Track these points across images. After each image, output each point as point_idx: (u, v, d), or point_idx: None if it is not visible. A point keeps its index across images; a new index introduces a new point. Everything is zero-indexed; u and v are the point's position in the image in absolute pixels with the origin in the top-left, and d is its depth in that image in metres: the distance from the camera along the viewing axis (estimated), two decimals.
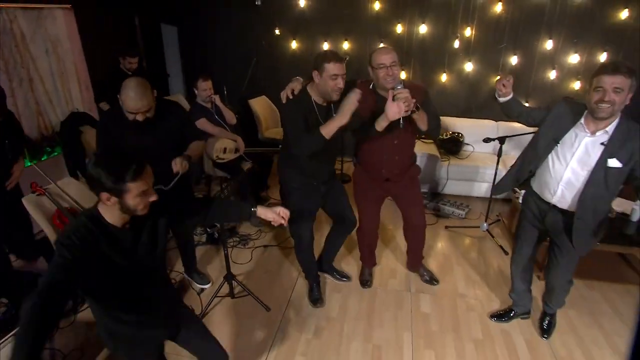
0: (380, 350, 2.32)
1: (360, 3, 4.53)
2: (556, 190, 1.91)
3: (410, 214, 2.60)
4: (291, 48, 4.90)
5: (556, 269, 2.15)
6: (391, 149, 2.28)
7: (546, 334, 2.39)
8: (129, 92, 1.88)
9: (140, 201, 1.24)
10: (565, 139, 1.83)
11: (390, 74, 2.05)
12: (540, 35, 4.28)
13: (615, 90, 1.61)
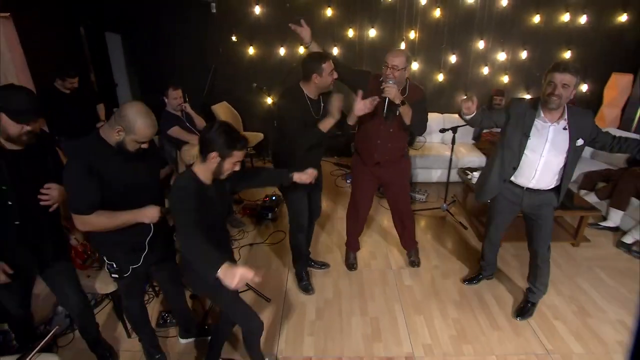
0: (378, 321, 2.61)
1: (314, 9, 4.81)
2: (534, 176, 2.27)
3: (396, 201, 2.93)
4: (248, 54, 5.04)
5: (539, 240, 2.46)
6: (385, 135, 2.58)
7: (521, 316, 2.62)
8: (145, 119, 1.63)
9: (230, 167, 1.67)
10: (533, 132, 2.20)
11: (388, 74, 2.36)
12: (473, 36, 4.88)
13: (563, 86, 2.00)
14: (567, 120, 2.12)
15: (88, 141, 1.69)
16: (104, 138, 1.68)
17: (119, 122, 1.62)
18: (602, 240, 3.58)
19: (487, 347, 2.41)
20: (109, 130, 1.67)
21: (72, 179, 1.63)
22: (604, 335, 2.50)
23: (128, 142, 1.66)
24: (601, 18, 4.76)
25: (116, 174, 1.69)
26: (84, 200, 1.64)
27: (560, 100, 2.02)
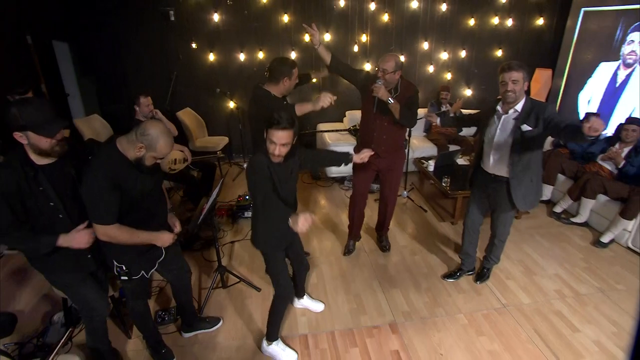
0: (361, 297, 2.92)
1: (271, 16, 5.04)
2: (490, 161, 2.63)
3: (386, 188, 3.24)
4: (209, 60, 5.15)
5: (496, 226, 2.84)
6: (381, 128, 2.88)
7: (479, 280, 3.05)
8: (167, 139, 1.77)
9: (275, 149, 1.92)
10: (490, 123, 2.58)
11: (379, 76, 2.67)
12: (418, 38, 5.37)
13: (513, 82, 2.37)
14: (519, 111, 2.43)
15: (108, 154, 1.76)
16: (122, 152, 1.76)
17: (141, 140, 1.72)
18: (538, 212, 4.18)
19: (455, 308, 2.81)
20: (128, 145, 1.76)
21: (95, 192, 1.70)
22: (544, 287, 3.01)
23: (147, 158, 1.78)
24: (524, 21, 5.45)
25: (132, 185, 1.79)
26: (107, 211, 1.74)
27: (515, 95, 2.37)
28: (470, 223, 2.98)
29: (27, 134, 1.61)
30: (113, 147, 1.77)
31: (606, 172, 3.83)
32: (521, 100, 2.43)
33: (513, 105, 2.44)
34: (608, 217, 3.61)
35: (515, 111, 2.45)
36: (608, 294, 2.94)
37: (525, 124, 2.39)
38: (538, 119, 2.35)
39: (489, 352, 2.43)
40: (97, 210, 1.74)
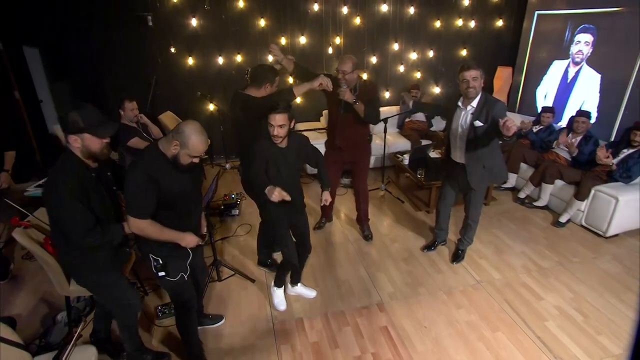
0: (349, 282, 3.15)
1: (248, 20, 5.19)
2: (455, 151, 2.95)
3: (357, 181, 3.52)
4: (188, 64, 5.24)
5: (468, 208, 3.17)
6: (344, 124, 3.15)
7: (455, 261, 3.36)
8: (199, 136, 1.85)
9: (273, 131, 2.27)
10: (454, 118, 2.89)
11: (341, 79, 2.92)
12: (389, 39, 5.67)
13: (473, 79, 2.68)
14: (474, 106, 2.75)
15: (150, 153, 1.87)
16: (162, 151, 1.86)
17: (176, 137, 1.82)
18: (504, 199, 4.56)
19: (435, 286, 3.09)
20: (166, 144, 1.86)
21: (134, 187, 1.81)
22: (512, 264, 3.35)
23: (182, 156, 1.86)
24: (485, 23, 5.87)
25: (170, 183, 1.87)
26: (143, 206, 1.84)
27: (476, 90, 2.69)
28: (442, 205, 3.35)
29: (83, 137, 1.76)
30: (155, 146, 1.89)
31: (562, 160, 4.24)
32: (478, 95, 2.75)
33: (471, 101, 2.75)
34: (565, 200, 4.01)
35: (471, 107, 2.76)
36: (566, 266, 3.31)
37: (478, 119, 2.71)
38: (488, 115, 2.67)
39: (467, 322, 2.72)
40: (134, 203, 1.84)
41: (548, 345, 2.51)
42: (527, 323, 2.70)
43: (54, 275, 2.48)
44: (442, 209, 3.38)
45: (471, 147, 2.84)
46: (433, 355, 2.46)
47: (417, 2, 5.54)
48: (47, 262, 2.43)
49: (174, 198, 1.93)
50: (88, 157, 1.85)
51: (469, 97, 2.75)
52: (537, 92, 5.60)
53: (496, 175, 3.05)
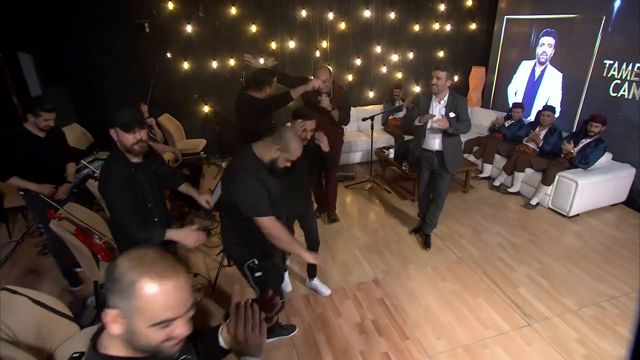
0: (346, 262, 3.53)
1: (240, 26, 5.49)
2: (429, 140, 3.37)
3: (329, 176, 3.91)
4: (183, 68, 5.50)
5: (438, 190, 3.55)
6: (320, 127, 3.45)
7: (428, 247, 3.70)
8: (298, 142, 2.01)
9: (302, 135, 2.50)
10: (429, 110, 3.31)
11: (321, 87, 3.33)
12: (372, 43, 6.07)
13: (437, 78, 3.11)
14: (446, 101, 3.22)
15: (250, 159, 1.97)
16: (259, 157, 1.98)
17: (278, 142, 1.94)
18: (481, 187, 5.03)
19: (422, 263, 3.50)
20: (264, 149, 1.97)
21: (255, 188, 1.90)
22: (489, 242, 3.80)
23: (280, 160, 1.98)
24: (460, 26, 6.35)
25: (271, 187, 1.99)
26: (267, 205, 1.93)
27: (437, 87, 3.15)
28: (422, 193, 3.76)
29: (117, 131, 1.97)
30: (250, 153, 1.98)
31: (531, 150, 4.74)
32: (446, 93, 3.22)
33: (441, 97, 3.22)
34: (534, 186, 4.50)
35: (444, 101, 3.23)
36: (535, 242, 3.78)
37: (452, 112, 3.18)
38: (457, 108, 3.19)
39: (451, 291, 3.13)
40: (261, 204, 1.92)
41: (520, 307, 2.95)
42: (502, 289, 3.13)
43: (85, 261, 2.77)
44: (422, 198, 3.79)
45: (447, 135, 3.27)
46: (423, 319, 2.86)
47: (397, 7, 5.96)
48: (79, 250, 2.71)
49: (273, 201, 2.03)
50: (126, 150, 2.07)
51: (431, 91, 3.23)
52: (508, 89, 6.11)
53: (460, 159, 3.53)
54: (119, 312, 0.83)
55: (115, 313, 0.83)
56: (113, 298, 0.83)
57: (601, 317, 2.84)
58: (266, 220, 1.94)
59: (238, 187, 1.94)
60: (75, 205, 2.93)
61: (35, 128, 2.85)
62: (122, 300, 0.82)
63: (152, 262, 0.84)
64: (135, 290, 0.81)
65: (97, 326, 2.26)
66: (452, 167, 3.40)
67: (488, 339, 2.66)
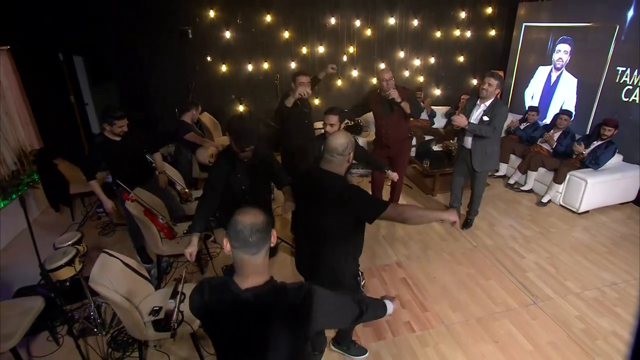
0: (372, 247, 3.94)
1: (274, 32, 5.96)
2: (466, 138, 3.76)
3: (396, 171, 4.20)
4: (221, 71, 6.01)
5: (472, 185, 4.00)
6: (388, 125, 3.91)
7: (465, 227, 4.21)
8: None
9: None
10: (472, 112, 3.71)
11: (387, 85, 3.66)
12: (395, 48, 6.47)
13: (489, 84, 3.51)
14: (487, 105, 3.61)
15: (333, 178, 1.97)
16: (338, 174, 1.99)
17: (348, 151, 1.95)
18: (496, 184, 5.37)
19: (440, 249, 3.89)
20: (337, 165, 1.98)
21: (360, 193, 1.95)
22: (502, 233, 4.16)
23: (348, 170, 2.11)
24: (480, 32, 6.68)
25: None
26: (376, 199, 2.18)
27: (486, 92, 3.54)
28: (455, 185, 4.15)
29: (232, 140, 2.48)
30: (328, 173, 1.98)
31: (544, 151, 5.05)
32: (491, 99, 3.58)
33: (485, 101, 3.58)
34: (546, 184, 4.83)
35: (485, 105, 3.60)
36: (545, 235, 4.12)
37: (486, 116, 3.53)
38: (491, 113, 3.50)
39: (466, 274, 3.52)
40: (376, 200, 2.10)
41: (527, 288, 3.32)
42: (512, 274, 3.51)
43: (152, 237, 3.27)
44: (454, 189, 4.19)
45: (475, 135, 3.66)
46: (441, 296, 3.26)
47: (420, 15, 6.34)
48: (148, 227, 3.22)
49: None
50: (237, 156, 2.54)
51: (480, 95, 3.61)
52: (525, 93, 6.41)
53: (492, 161, 3.85)
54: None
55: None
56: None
57: (601, 299, 3.18)
58: (390, 209, 1.86)
59: (352, 195, 1.92)
60: (142, 191, 3.44)
61: (112, 134, 3.28)
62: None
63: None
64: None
65: (166, 289, 2.73)
66: (478, 166, 3.79)
67: (498, 313, 3.05)
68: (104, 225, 4.55)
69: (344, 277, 2.15)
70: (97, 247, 4.12)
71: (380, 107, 3.86)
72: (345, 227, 1.99)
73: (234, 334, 1.31)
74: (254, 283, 1.26)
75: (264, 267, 1.29)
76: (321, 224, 2.00)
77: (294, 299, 1.27)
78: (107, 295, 2.22)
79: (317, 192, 1.99)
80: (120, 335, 2.91)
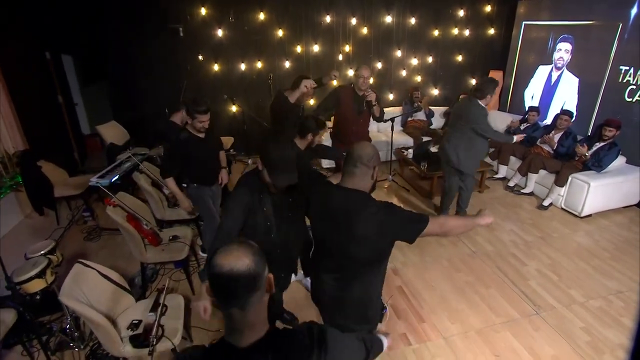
0: None
1: (267, 30, 5.80)
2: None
3: None
4: (213, 70, 5.84)
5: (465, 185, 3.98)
6: (357, 123, 3.80)
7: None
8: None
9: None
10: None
11: (364, 82, 3.59)
12: (392, 47, 6.32)
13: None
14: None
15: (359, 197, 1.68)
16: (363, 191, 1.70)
17: (373, 162, 1.69)
18: (496, 187, 5.23)
19: (439, 255, 3.74)
20: (362, 179, 1.70)
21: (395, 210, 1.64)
22: (502, 238, 4.01)
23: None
24: (478, 31, 6.53)
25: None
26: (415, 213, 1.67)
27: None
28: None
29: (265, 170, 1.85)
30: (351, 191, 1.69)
31: (545, 153, 4.91)
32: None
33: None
34: (547, 187, 4.68)
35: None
36: (546, 240, 3.98)
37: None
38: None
39: (465, 282, 3.37)
40: (413, 215, 1.66)
41: (529, 297, 3.17)
42: (513, 281, 3.36)
43: (135, 244, 3.10)
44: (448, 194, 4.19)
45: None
46: (439, 305, 3.11)
47: (417, 13, 6.19)
48: (130, 233, 3.05)
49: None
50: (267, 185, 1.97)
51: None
52: (525, 93, 6.27)
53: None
54: None
55: None
56: None
57: (607, 308, 3.04)
58: (431, 224, 1.62)
59: (391, 217, 1.62)
60: (125, 195, 3.28)
61: (194, 130, 3.05)
62: None
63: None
64: None
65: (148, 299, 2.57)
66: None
67: (498, 325, 2.90)
68: (90, 230, 4.39)
69: (374, 311, 1.88)
70: (81, 254, 3.96)
71: (352, 105, 3.74)
72: (381, 254, 1.72)
73: None
74: (253, 338, 1.02)
75: (261, 320, 1.04)
76: (351, 254, 1.67)
77: (305, 342, 1.08)
78: (79, 310, 2.06)
79: (345, 217, 1.64)
80: (100, 349, 2.74)
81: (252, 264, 0.99)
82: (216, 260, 0.98)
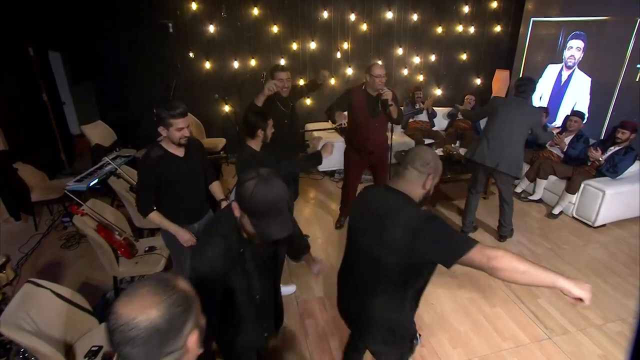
0: None
1: (262, 27, 5.53)
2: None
3: (380, 177, 3.83)
4: (205, 68, 5.58)
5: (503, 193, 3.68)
6: (373, 130, 3.47)
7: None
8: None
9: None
10: None
11: (381, 82, 3.25)
12: (393, 45, 6.02)
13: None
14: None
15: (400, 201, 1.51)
16: (408, 195, 1.53)
17: (428, 169, 1.51)
18: None
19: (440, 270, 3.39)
20: (412, 184, 1.53)
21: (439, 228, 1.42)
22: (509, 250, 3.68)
23: (432, 187, 1.58)
24: (484, 28, 6.22)
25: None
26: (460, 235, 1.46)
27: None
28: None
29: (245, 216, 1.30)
30: (396, 192, 1.53)
31: (555, 157, 4.60)
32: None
33: None
34: (557, 194, 4.37)
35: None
36: (557, 252, 3.67)
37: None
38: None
39: (468, 299, 3.07)
40: (457, 236, 1.43)
41: (540, 318, 2.87)
42: (521, 300, 3.05)
43: (106, 257, 2.83)
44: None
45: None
46: (439, 327, 2.81)
47: (420, 9, 5.89)
48: (100, 245, 2.77)
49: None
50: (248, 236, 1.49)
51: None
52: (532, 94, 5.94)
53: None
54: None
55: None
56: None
57: (627, 333, 2.73)
58: (476, 252, 1.33)
59: (423, 230, 1.38)
60: (97, 202, 3.00)
61: (170, 145, 2.29)
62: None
63: None
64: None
65: None
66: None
67: (505, 351, 2.60)
68: (68, 236, 4.12)
69: (402, 337, 1.67)
70: (56, 262, 3.71)
71: (366, 107, 3.40)
72: (407, 269, 1.49)
73: None
74: None
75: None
76: (375, 255, 1.49)
77: None
78: (19, 339, 1.78)
79: (379, 216, 1.47)
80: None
81: (159, 318, 0.75)
82: (115, 307, 0.77)
